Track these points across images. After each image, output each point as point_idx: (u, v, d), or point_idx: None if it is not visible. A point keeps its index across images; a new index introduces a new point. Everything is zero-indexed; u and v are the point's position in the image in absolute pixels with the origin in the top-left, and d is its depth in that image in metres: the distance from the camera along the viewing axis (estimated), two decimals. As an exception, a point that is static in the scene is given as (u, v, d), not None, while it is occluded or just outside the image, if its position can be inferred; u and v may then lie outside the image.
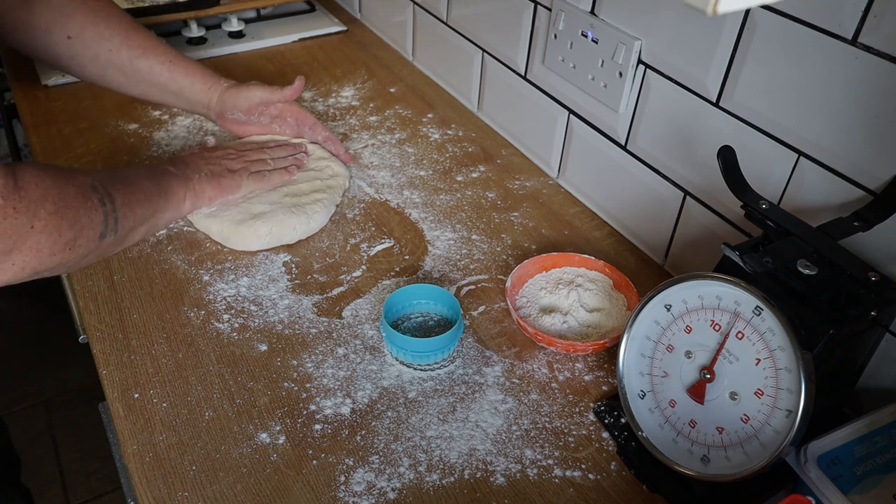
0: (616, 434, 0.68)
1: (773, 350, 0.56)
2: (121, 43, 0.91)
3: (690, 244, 0.84)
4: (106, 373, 0.72)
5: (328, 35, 1.38)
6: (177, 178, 0.83)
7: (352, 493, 0.63)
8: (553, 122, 0.99)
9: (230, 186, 0.88)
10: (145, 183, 0.77)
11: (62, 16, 0.87)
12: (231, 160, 0.91)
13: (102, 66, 0.91)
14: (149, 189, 0.77)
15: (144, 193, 0.76)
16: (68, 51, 0.89)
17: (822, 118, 0.66)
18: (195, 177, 0.85)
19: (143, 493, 0.62)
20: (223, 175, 0.88)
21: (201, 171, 0.86)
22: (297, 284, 0.83)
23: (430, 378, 0.73)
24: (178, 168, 0.84)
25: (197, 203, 0.85)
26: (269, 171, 0.92)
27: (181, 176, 0.84)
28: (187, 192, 0.84)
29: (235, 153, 0.93)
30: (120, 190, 0.71)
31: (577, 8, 0.88)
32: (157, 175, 0.81)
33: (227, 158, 0.91)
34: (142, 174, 0.79)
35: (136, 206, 0.74)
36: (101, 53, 0.90)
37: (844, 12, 0.61)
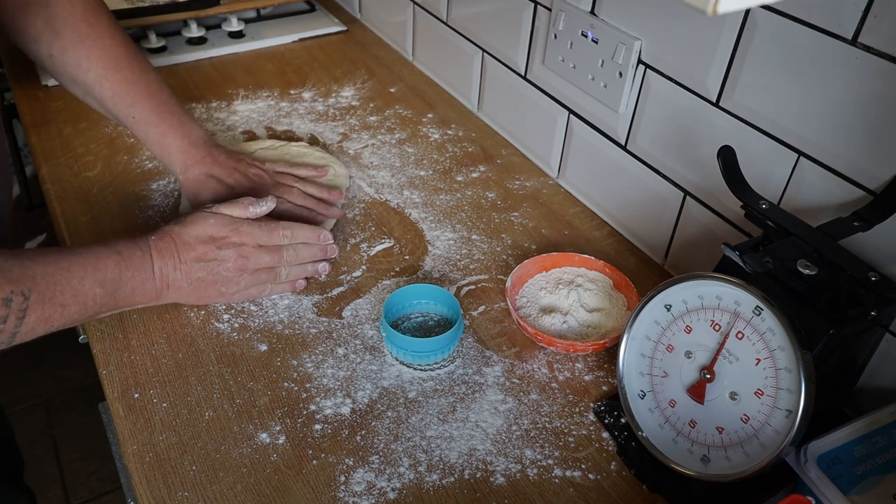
0: (616, 434, 0.68)
1: (773, 350, 0.56)
2: (95, 80, 0.84)
3: (690, 244, 0.84)
4: (106, 373, 0.72)
5: (328, 35, 1.38)
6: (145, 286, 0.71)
7: (352, 493, 0.63)
8: (553, 122, 0.99)
9: (211, 298, 0.76)
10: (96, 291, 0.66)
11: (50, 31, 0.83)
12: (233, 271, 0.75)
13: (82, 93, 0.88)
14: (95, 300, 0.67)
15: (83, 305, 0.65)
16: (52, 67, 0.86)
17: (822, 118, 0.66)
18: (173, 285, 0.73)
19: (143, 493, 0.62)
20: (210, 286, 0.75)
21: (187, 280, 0.73)
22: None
23: (430, 378, 0.73)
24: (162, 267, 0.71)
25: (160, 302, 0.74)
26: (272, 285, 0.79)
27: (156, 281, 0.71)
28: (150, 301, 0.73)
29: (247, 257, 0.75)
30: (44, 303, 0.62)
31: (577, 8, 0.88)
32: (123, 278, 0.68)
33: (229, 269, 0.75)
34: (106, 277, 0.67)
35: (59, 319, 0.64)
36: (77, 81, 0.86)
37: (844, 12, 0.61)
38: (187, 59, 1.27)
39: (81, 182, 0.96)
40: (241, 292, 0.77)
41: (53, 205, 0.93)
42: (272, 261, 0.77)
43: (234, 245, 0.75)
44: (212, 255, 0.74)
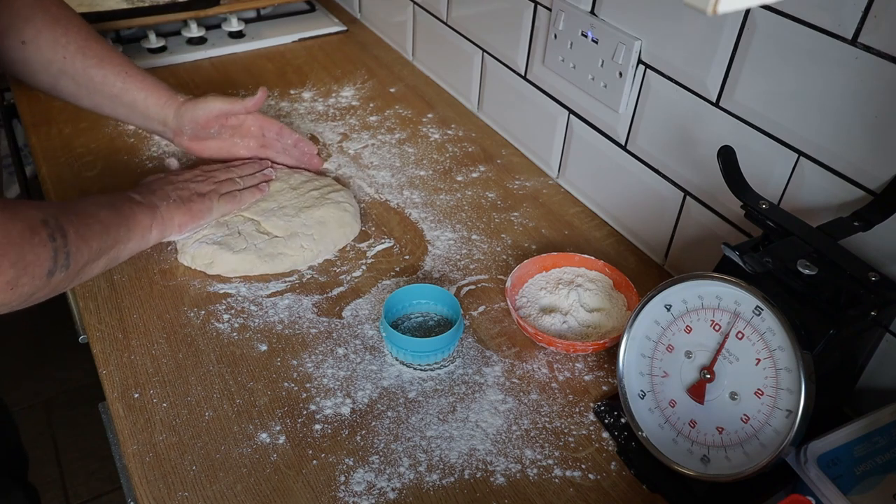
0: (616, 434, 0.68)
1: (773, 350, 0.56)
2: (76, 51, 0.87)
3: (690, 244, 0.84)
4: (106, 373, 0.72)
5: (328, 35, 1.38)
6: (142, 207, 0.78)
7: (352, 493, 0.63)
8: (553, 122, 0.99)
9: (201, 211, 0.84)
10: (104, 213, 0.73)
11: (19, 20, 0.85)
12: (199, 182, 0.87)
13: (55, 75, 0.88)
14: (108, 219, 0.73)
15: (103, 224, 0.72)
16: (21, 55, 0.86)
17: (822, 118, 0.66)
18: (162, 204, 0.81)
19: (143, 493, 0.62)
20: (192, 200, 0.84)
21: (169, 197, 0.82)
22: (296, 284, 0.83)
23: (430, 378, 0.73)
24: (144, 196, 0.80)
25: (165, 232, 0.81)
26: (240, 191, 0.89)
27: (146, 204, 0.79)
28: (154, 221, 0.79)
29: (203, 175, 0.89)
30: (74, 222, 0.67)
31: (577, 8, 0.88)
32: (119, 204, 0.76)
33: (194, 181, 0.87)
34: (102, 203, 0.74)
35: (93, 238, 0.69)
36: (54, 60, 0.87)
37: (844, 12, 0.61)
38: (187, 59, 1.27)
39: (81, 182, 0.96)
40: (219, 202, 0.86)
41: (53, 205, 0.93)
42: (224, 174, 0.91)
43: (186, 171, 0.90)
44: (175, 179, 0.86)
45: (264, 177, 0.94)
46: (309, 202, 0.90)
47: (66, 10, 0.89)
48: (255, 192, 0.91)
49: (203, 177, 0.89)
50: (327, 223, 0.88)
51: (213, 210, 0.85)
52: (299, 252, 0.84)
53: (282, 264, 0.84)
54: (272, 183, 0.94)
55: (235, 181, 0.90)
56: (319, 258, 0.86)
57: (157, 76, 0.94)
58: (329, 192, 0.92)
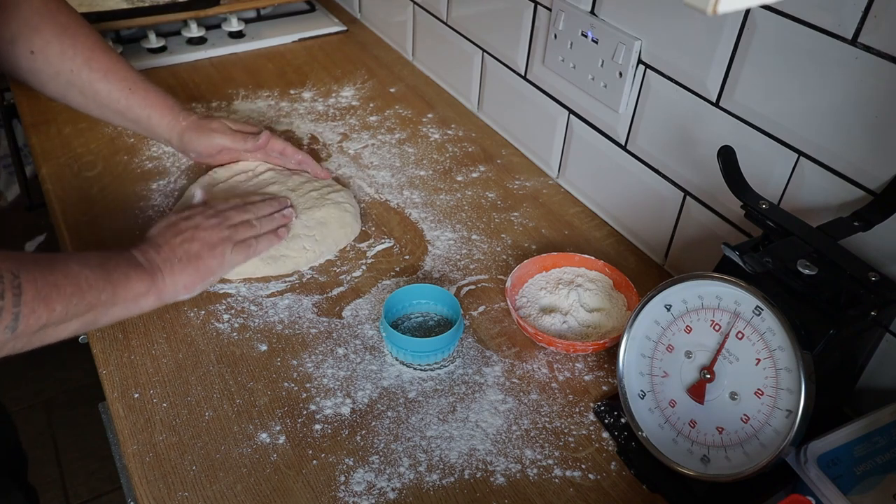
0: (616, 434, 0.68)
1: (773, 350, 0.56)
2: (83, 63, 0.87)
3: (690, 244, 0.84)
4: (106, 373, 0.72)
5: (328, 35, 1.38)
6: (139, 271, 0.70)
7: (352, 493, 0.63)
8: (553, 122, 0.99)
9: (210, 268, 0.76)
10: (86, 273, 0.65)
11: (28, 28, 0.84)
12: (212, 230, 0.78)
13: (63, 86, 0.88)
14: (88, 281, 0.65)
15: (77, 287, 0.64)
16: (30, 65, 0.86)
17: (822, 118, 0.66)
18: (166, 267, 0.73)
19: (143, 493, 0.62)
20: (200, 256, 0.76)
21: (175, 255, 0.74)
22: (296, 284, 0.83)
23: (430, 378, 0.73)
24: (146, 255, 0.73)
25: (166, 296, 0.73)
26: (257, 238, 0.81)
27: (147, 268, 0.71)
28: (152, 288, 0.71)
29: (216, 216, 0.80)
30: (37, 281, 0.61)
31: (577, 8, 0.88)
32: (111, 265, 0.69)
33: (206, 228, 0.78)
34: (90, 262, 0.67)
35: (58, 301, 0.62)
36: (62, 72, 0.86)
37: (844, 12, 0.61)
38: (187, 59, 1.27)
39: (81, 182, 0.96)
40: (232, 253, 0.79)
41: (53, 205, 0.93)
42: (240, 215, 0.82)
43: (200, 212, 0.80)
44: (184, 225, 0.77)
45: (283, 219, 0.86)
46: (309, 203, 0.90)
47: (75, 18, 0.88)
48: (273, 239, 0.83)
49: (216, 219, 0.79)
50: (328, 224, 0.88)
51: (224, 265, 0.78)
52: (301, 253, 0.84)
53: (284, 266, 0.84)
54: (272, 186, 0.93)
55: (252, 224, 0.82)
56: (321, 258, 0.86)
57: (157, 77, 0.94)
58: (329, 192, 0.92)
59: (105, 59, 0.88)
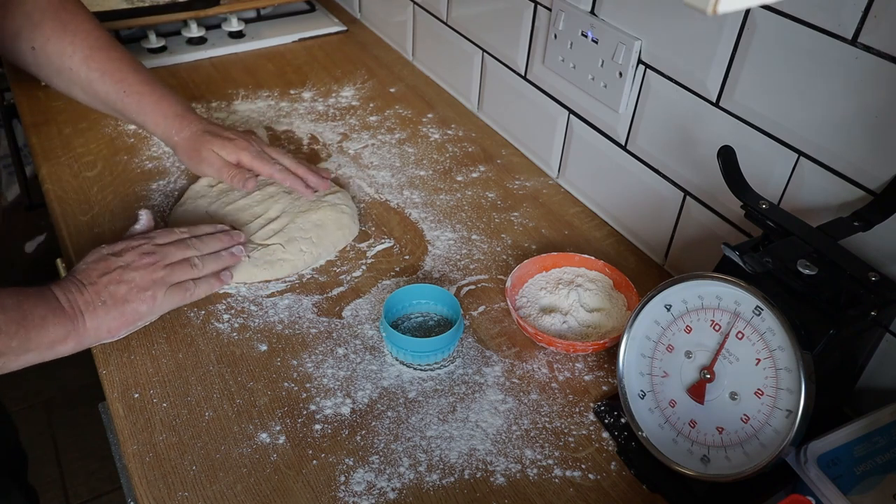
0: (616, 434, 0.68)
1: (773, 350, 0.56)
2: (81, 62, 0.85)
3: (690, 244, 0.84)
4: (106, 373, 0.72)
5: (328, 35, 1.38)
6: (57, 315, 0.66)
7: (352, 493, 0.63)
8: (553, 122, 0.99)
9: (138, 313, 0.71)
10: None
11: (30, 24, 0.83)
12: (144, 270, 0.71)
13: (66, 82, 0.88)
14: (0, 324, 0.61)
15: None
16: (34, 61, 0.85)
17: (822, 118, 0.66)
18: (87, 311, 0.68)
19: (143, 493, 0.62)
20: (128, 300, 0.70)
21: (99, 298, 0.68)
22: (296, 284, 0.83)
23: (430, 378, 0.73)
24: (67, 295, 0.67)
25: (87, 341, 0.69)
26: (195, 282, 0.75)
27: (66, 311, 0.66)
28: (70, 334, 0.67)
29: (152, 252, 0.73)
30: None
31: (577, 8, 0.88)
32: (25, 306, 0.64)
33: (139, 267, 0.71)
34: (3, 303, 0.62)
35: None
36: (63, 70, 0.86)
37: (844, 12, 0.61)
38: (187, 59, 1.27)
39: (81, 182, 0.96)
40: (165, 297, 0.73)
41: (53, 205, 0.93)
42: (181, 252, 0.75)
43: (134, 248, 0.73)
44: (114, 263, 0.71)
45: (231, 258, 0.79)
46: (305, 206, 0.90)
47: (78, 14, 0.86)
48: (214, 284, 0.77)
49: (152, 257, 0.73)
50: (325, 226, 0.87)
51: (154, 310, 0.73)
52: (298, 256, 0.84)
53: (281, 270, 0.83)
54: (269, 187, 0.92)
55: (192, 264, 0.75)
56: (319, 261, 0.86)
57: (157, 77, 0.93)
58: (325, 194, 0.92)
59: (103, 59, 0.87)
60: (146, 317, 0.73)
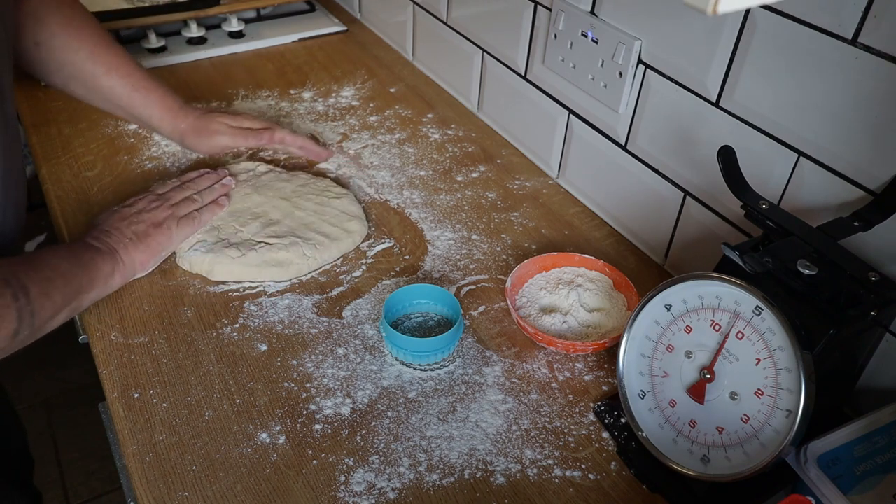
0: (616, 434, 0.68)
1: (773, 350, 0.56)
2: (86, 57, 0.87)
3: (690, 244, 0.84)
4: (106, 373, 0.72)
5: (328, 35, 1.38)
6: (101, 254, 0.75)
7: (352, 493, 0.63)
8: (553, 122, 0.99)
9: (160, 244, 0.81)
10: (64, 266, 0.71)
11: (33, 20, 0.84)
12: (155, 210, 0.83)
13: (66, 78, 0.89)
14: (69, 272, 0.71)
15: (64, 278, 0.70)
16: (36, 57, 0.86)
17: (822, 118, 0.66)
18: (120, 246, 0.78)
19: (143, 493, 0.62)
20: (149, 234, 0.80)
21: (125, 236, 0.79)
22: (296, 284, 0.83)
23: (430, 378, 0.73)
24: (101, 241, 0.77)
25: (128, 274, 0.79)
26: (199, 211, 0.86)
27: (106, 250, 0.76)
28: (115, 267, 0.76)
29: (158, 200, 0.85)
30: (34, 279, 0.66)
31: (577, 8, 0.88)
32: (78, 253, 0.74)
33: (149, 210, 0.83)
34: (61, 255, 0.72)
35: (55, 293, 0.68)
36: (65, 65, 0.87)
37: (844, 12, 0.61)
38: (187, 59, 1.27)
39: (81, 182, 0.96)
40: (178, 228, 0.83)
41: (53, 205, 0.93)
42: (180, 193, 0.87)
43: (140, 199, 0.85)
44: (127, 211, 0.82)
45: (223, 188, 0.91)
46: (311, 207, 0.89)
47: (81, 11, 0.88)
48: (215, 209, 0.88)
49: (158, 202, 0.85)
50: (330, 232, 0.87)
51: (172, 239, 0.83)
52: (302, 260, 0.84)
53: (286, 272, 0.83)
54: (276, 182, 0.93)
55: (193, 199, 0.87)
56: (325, 264, 0.86)
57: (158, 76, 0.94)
58: (331, 197, 0.92)
59: (109, 55, 0.89)
60: (167, 247, 0.83)
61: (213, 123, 0.94)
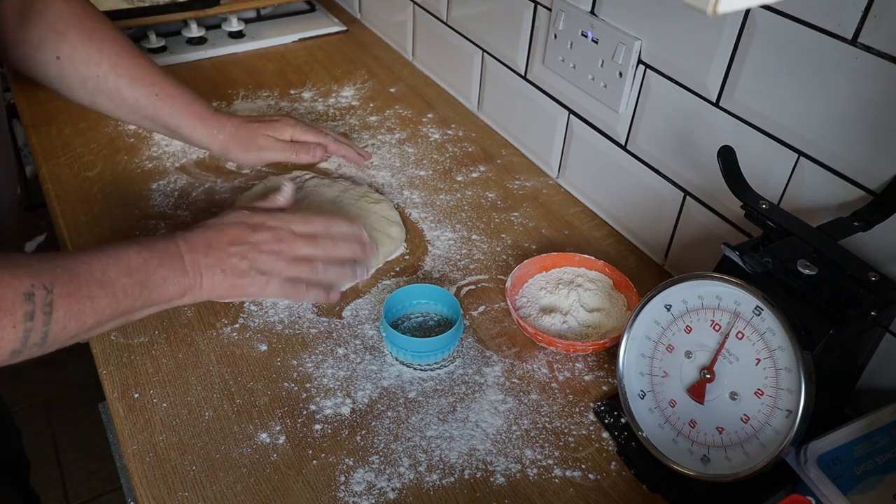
0: (616, 434, 0.68)
1: (773, 350, 0.56)
2: (109, 69, 0.84)
3: (690, 244, 0.84)
4: (106, 373, 0.72)
5: (328, 35, 1.38)
6: (178, 276, 0.67)
7: (352, 493, 0.63)
8: (553, 122, 0.99)
9: (248, 293, 0.72)
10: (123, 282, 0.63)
11: (54, 33, 0.82)
12: (269, 255, 0.72)
13: (91, 92, 0.86)
14: (124, 290, 0.63)
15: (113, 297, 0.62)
16: (58, 72, 0.84)
17: (822, 118, 0.66)
18: (206, 274, 0.69)
19: (143, 493, 0.62)
20: (245, 276, 0.70)
21: (220, 266, 0.69)
22: (297, 284, 0.83)
23: (430, 378, 0.73)
24: (193, 255, 0.68)
25: (198, 298, 0.70)
26: (308, 286, 0.74)
27: (188, 271, 0.68)
28: (187, 292, 0.68)
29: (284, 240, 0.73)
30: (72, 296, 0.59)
31: (577, 8, 0.88)
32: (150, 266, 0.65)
33: (264, 251, 0.72)
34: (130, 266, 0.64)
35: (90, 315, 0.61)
36: (88, 78, 0.84)
37: (844, 12, 0.61)
38: (187, 59, 1.27)
39: (81, 182, 0.96)
40: (276, 287, 0.73)
41: (53, 205, 0.93)
42: (309, 250, 0.74)
43: (270, 228, 0.73)
44: (246, 237, 0.71)
45: (352, 277, 0.78)
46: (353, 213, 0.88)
47: (102, 22, 0.86)
48: (322, 296, 0.75)
49: (282, 245, 0.73)
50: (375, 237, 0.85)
51: (261, 295, 0.73)
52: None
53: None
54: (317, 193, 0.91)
55: (315, 268, 0.74)
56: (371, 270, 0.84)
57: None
58: (370, 203, 0.91)
59: (131, 65, 0.85)
60: (251, 297, 0.74)
61: (258, 138, 0.90)
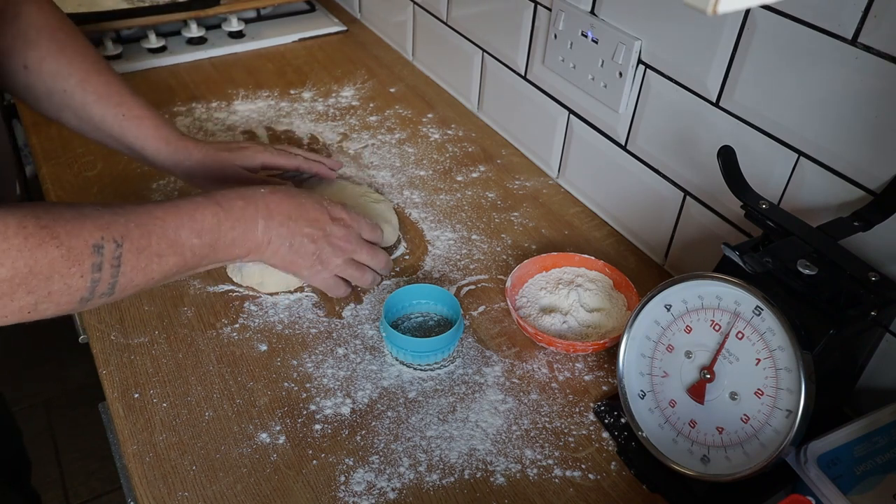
0: (616, 434, 0.68)
1: (773, 350, 0.56)
2: (76, 84, 0.81)
3: (690, 244, 0.84)
4: (106, 373, 0.72)
5: (328, 35, 1.38)
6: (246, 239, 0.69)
7: (352, 493, 0.63)
8: (553, 122, 0.99)
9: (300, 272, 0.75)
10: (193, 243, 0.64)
11: (23, 42, 0.79)
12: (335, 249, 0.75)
13: (57, 106, 0.83)
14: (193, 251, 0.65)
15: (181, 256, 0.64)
16: (25, 81, 0.81)
17: (822, 118, 0.66)
18: (275, 242, 0.71)
19: (143, 493, 0.62)
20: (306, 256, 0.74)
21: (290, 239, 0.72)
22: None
23: (430, 378, 0.73)
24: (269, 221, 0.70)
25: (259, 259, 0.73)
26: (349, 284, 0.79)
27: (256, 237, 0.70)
28: (251, 252, 0.71)
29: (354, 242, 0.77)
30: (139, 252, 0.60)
31: (577, 8, 0.88)
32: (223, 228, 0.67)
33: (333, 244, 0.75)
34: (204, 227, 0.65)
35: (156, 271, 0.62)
36: (55, 92, 0.81)
37: (844, 12, 0.61)
38: (187, 59, 1.27)
39: (81, 182, 0.96)
40: (325, 278, 0.76)
41: (53, 205, 0.93)
42: (366, 258, 0.78)
43: (346, 226, 0.76)
44: (323, 223, 0.74)
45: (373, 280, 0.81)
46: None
47: (74, 35, 0.83)
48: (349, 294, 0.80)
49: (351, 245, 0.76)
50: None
51: (309, 279, 0.77)
52: None
53: None
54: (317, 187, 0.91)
55: (364, 277, 0.79)
56: None
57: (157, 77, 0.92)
58: (368, 202, 0.91)
59: (100, 83, 0.83)
60: (299, 277, 0.77)
61: (226, 169, 0.86)
